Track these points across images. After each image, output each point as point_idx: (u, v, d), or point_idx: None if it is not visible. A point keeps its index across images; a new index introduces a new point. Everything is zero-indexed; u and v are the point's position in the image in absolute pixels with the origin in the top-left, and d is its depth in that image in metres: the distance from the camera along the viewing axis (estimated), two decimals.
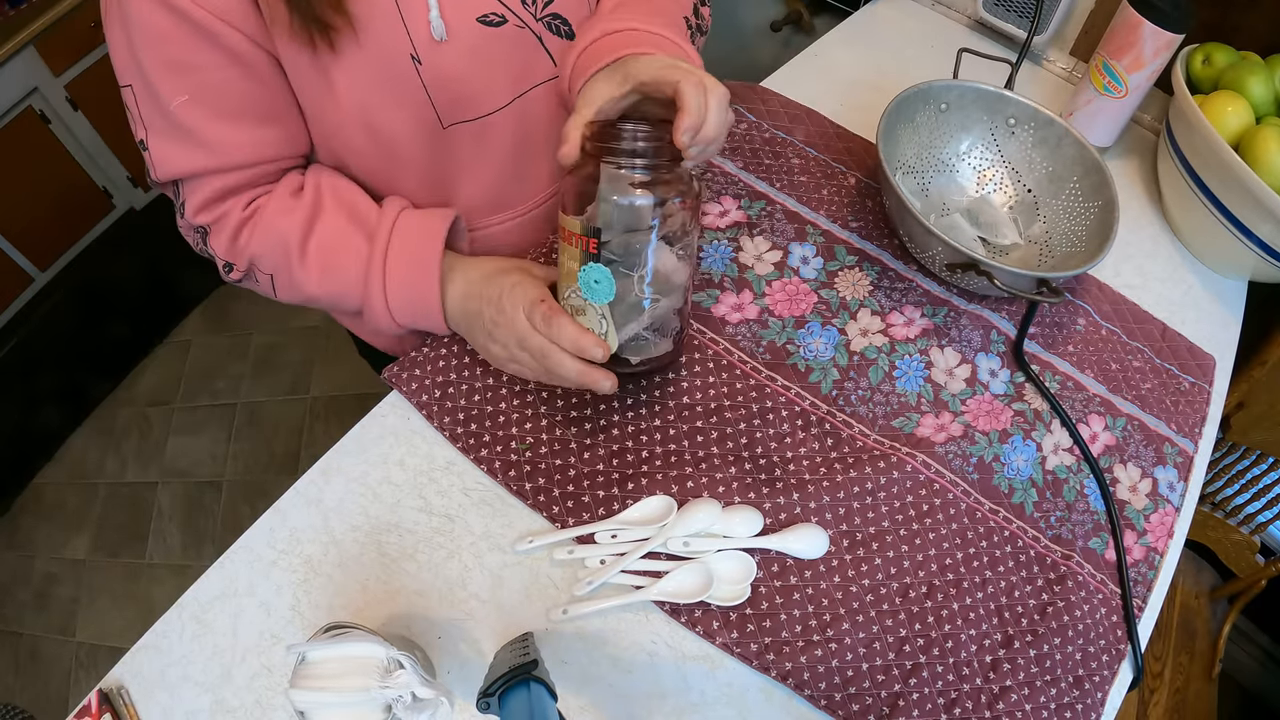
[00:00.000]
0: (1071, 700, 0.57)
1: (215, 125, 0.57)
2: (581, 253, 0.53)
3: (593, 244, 0.53)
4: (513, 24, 0.59)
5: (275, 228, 0.61)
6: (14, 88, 1.33)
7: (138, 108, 0.56)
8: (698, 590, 0.56)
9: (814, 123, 0.87)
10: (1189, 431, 0.72)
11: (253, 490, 1.66)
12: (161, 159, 0.58)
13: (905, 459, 0.64)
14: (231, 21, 0.52)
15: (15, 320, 1.53)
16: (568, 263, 0.55)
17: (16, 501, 1.66)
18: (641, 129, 0.54)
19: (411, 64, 0.56)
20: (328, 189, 0.63)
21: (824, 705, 0.55)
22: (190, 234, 0.63)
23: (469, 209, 0.68)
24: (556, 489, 0.60)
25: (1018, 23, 0.97)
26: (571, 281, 0.55)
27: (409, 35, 0.55)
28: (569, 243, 0.54)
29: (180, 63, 0.53)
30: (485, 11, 0.58)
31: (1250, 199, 0.72)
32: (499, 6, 0.58)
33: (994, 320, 0.74)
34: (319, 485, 0.61)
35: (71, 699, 1.46)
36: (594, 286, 0.53)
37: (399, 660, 0.44)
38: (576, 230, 0.53)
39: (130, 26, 0.52)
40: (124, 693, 0.53)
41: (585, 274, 0.53)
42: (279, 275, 0.63)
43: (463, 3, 0.57)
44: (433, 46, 0.56)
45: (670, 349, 0.60)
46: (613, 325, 0.55)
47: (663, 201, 0.54)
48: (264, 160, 0.61)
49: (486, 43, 0.59)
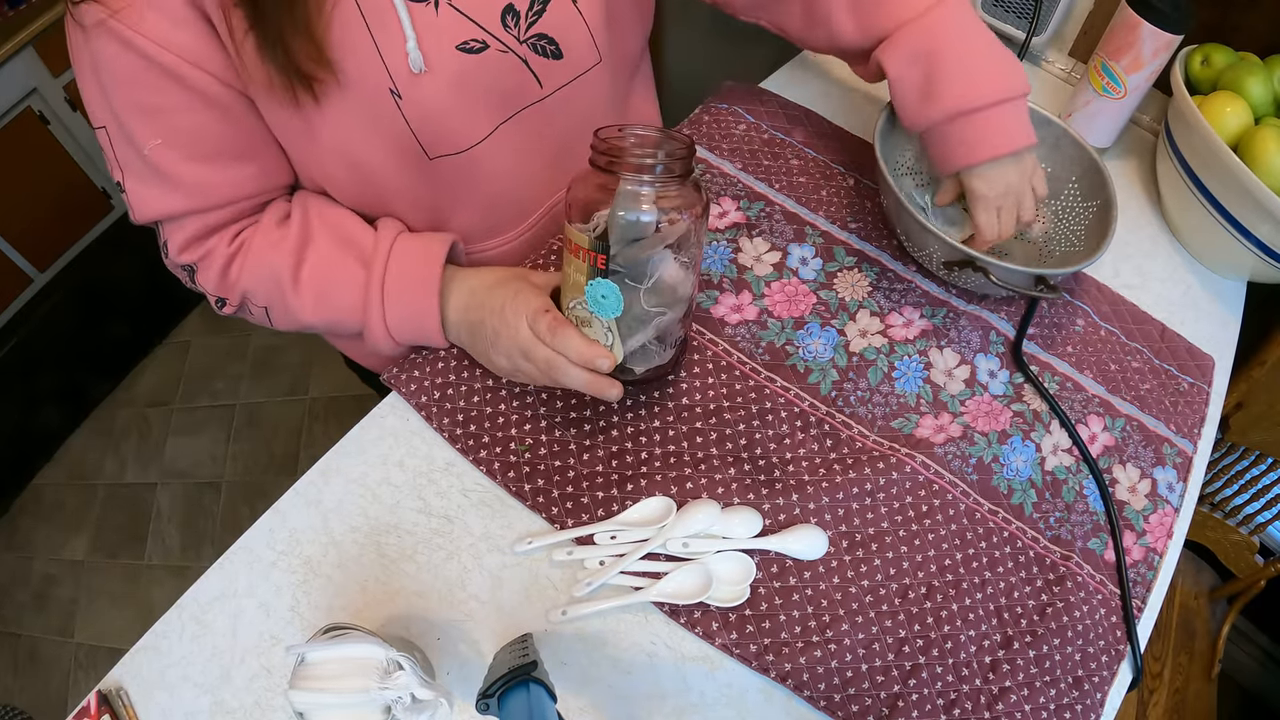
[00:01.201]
0: (1071, 701, 0.57)
1: (190, 167, 0.56)
2: (589, 267, 0.52)
3: (601, 259, 0.52)
4: (495, 49, 0.58)
5: (265, 261, 0.61)
6: (13, 88, 1.33)
7: (113, 150, 0.56)
8: (697, 591, 0.56)
9: (813, 124, 0.87)
10: (1188, 432, 0.72)
11: (252, 491, 1.66)
12: (139, 201, 0.57)
13: (904, 460, 0.64)
14: (201, 65, 0.52)
15: (15, 320, 1.53)
16: (574, 274, 0.54)
17: (16, 502, 1.66)
18: (653, 142, 0.54)
19: (392, 99, 0.55)
20: (315, 215, 0.62)
21: (823, 706, 0.55)
22: (178, 271, 0.63)
23: (463, 235, 0.67)
24: (556, 490, 0.60)
25: (1016, 23, 0.97)
26: (578, 293, 0.54)
27: (387, 70, 0.54)
28: (575, 255, 0.53)
29: (151, 106, 0.53)
30: (465, 39, 0.56)
31: (1249, 199, 0.72)
32: (478, 32, 0.57)
33: (993, 321, 0.74)
34: (318, 486, 0.61)
35: (71, 700, 1.46)
36: (601, 301, 0.53)
37: (398, 661, 0.44)
38: (584, 245, 0.52)
39: (100, 70, 0.52)
40: (123, 694, 0.53)
41: (593, 289, 0.53)
42: (274, 308, 0.63)
43: (440, 32, 0.55)
44: (412, 80, 0.55)
45: (673, 357, 0.60)
46: (618, 337, 0.55)
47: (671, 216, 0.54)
48: (244, 197, 0.60)
49: (468, 71, 0.57)
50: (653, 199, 0.53)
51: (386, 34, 0.53)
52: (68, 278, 1.58)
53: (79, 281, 1.59)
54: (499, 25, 0.57)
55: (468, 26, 0.56)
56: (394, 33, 0.53)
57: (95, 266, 1.60)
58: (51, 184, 1.48)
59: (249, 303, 0.63)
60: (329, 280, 0.61)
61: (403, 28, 0.53)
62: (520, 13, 0.58)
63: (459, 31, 0.56)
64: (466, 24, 0.56)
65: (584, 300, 0.54)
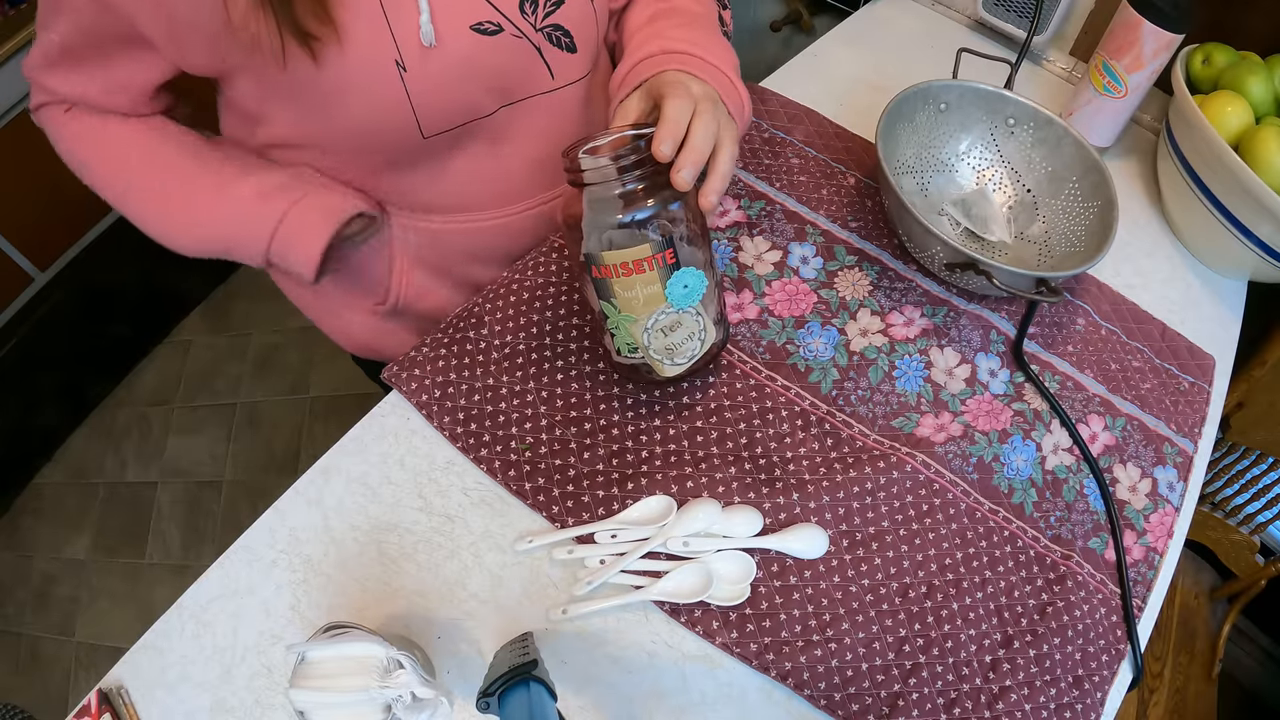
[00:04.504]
0: (1071, 700, 0.57)
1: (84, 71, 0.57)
2: (660, 270, 0.53)
3: (670, 254, 0.53)
4: (509, 33, 0.57)
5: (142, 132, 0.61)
6: (14, 87, 1.33)
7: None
8: (697, 590, 0.56)
9: (813, 122, 0.87)
10: (1189, 431, 0.72)
11: (253, 490, 1.66)
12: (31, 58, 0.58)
13: (905, 459, 0.64)
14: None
15: (15, 320, 1.52)
16: (643, 290, 0.54)
17: (16, 501, 1.66)
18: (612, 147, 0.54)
19: (396, 71, 0.54)
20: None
21: (823, 705, 0.55)
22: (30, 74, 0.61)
23: (429, 204, 0.67)
24: (556, 489, 0.60)
25: (1017, 23, 0.97)
26: (656, 305, 0.54)
27: (395, 41, 0.53)
28: (639, 272, 0.53)
29: None
30: (480, 19, 0.56)
31: (1250, 199, 0.72)
32: (495, 15, 0.56)
33: (994, 320, 0.74)
34: (319, 485, 0.61)
35: (71, 699, 1.46)
36: (685, 292, 0.54)
37: (399, 660, 0.44)
38: (648, 254, 0.52)
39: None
40: (124, 692, 0.53)
41: (674, 285, 0.53)
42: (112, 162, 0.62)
43: (456, 9, 0.55)
44: (421, 53, 0.54)
45: (723, 331, 0.61)
46: (709, 320, 0.57)
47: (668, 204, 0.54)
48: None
49: (479, 52, 0.57)
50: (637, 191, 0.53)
51: (399, 3, 0.53)
52: (68, 277, 1.58)
53: (80, 281, 1.59)
54: (516, 11, 0.57)
55: (484, 7, 0.56)
56: (408, 4, 0.53)
57: (96, 266, 1.60)
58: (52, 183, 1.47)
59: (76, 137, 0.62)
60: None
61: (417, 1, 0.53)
62: (539, 0, 0.58)
63: (475, 11, 0.56)
64: (483, 5, 0.56)
65: (666, 307, 0.54)
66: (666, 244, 0.53)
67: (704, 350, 0.59)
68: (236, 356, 1.83)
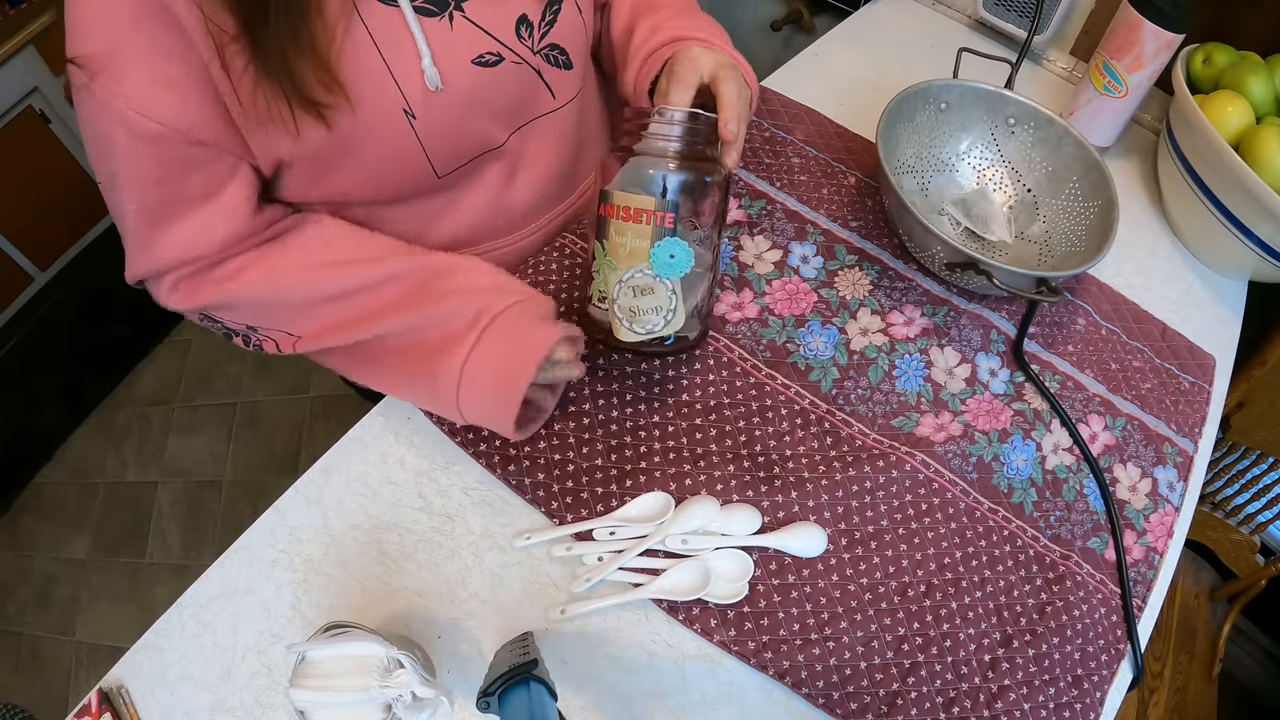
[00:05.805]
0: (1070, 700, 0.57)
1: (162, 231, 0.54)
2: (655, 229, 0.53)
3: (669, 218, 0.52)
4: (509, 61, 0.57)
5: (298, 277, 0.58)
6: (14, 87, 1.33)
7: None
8: (695, 588, 0.56)
9: (814, 122, 0.87)
10: (1189, 431, 0.72)
11: (253, 490, 1.66)
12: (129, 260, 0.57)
13: (904, 458, 0.64)
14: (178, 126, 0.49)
15: (15, 320, 1.52)
16: (633, 242, 0.54)
17: (16, 501, 1.66)
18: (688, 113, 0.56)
19: (405, 120, 0.54)
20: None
21: (822, 704, 0.55)
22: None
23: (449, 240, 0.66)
24: (555, 485, 0.61)
25: (1018, 22, 0.97)
26: (637, 260, 0.54)
27: (400, 91, 0.53)
28: (637, 221, 0.53)
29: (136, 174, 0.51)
30: (480, 52, 0.55)
31: (1250, 199, 0.72)
32: (493, 44, 0.56)
33: (994, 320, 0.74)
34: (319, 485, 0.61)
35: (71, 698, 1.46)
36: (669, 262, 0.53)
37: (399, 659, 0.44)
38: (651, 207, 0.52)
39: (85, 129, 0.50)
40: (124, 692, 0.53)
41: (660, 249, 0.52)
42: (275, 326, 0.62)
43: (456, 46, 0.54)
44: (427, 97, 0.54)
45: (700, 330, 0.61)
46: (681, 300, 0.55)
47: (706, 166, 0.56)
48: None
49: (482, 85, 0.56)
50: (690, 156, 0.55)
51: (399, 53, 0.52)
52: (69, 277, 1.58)
53: (80, 281, 1.59)
54: (513, 36, 0.57)
55: (482, 39, 0.55)
56: (408, 51, 0.52)
57: (96, 266, 1.60)
58: (52, 183, 1.48)
59: (221, 310, 0.60)
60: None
61: (417, 45, 0.52)
62: (534, 23, 0.57)
63: (474, 45, 0.55)
64: (481, 36, 0.55)
65: (646, 266, 0.53)
66: (671, 208, 0.53)
67: (664, 328, 0.56)
68: (236, 356, 1.83)
